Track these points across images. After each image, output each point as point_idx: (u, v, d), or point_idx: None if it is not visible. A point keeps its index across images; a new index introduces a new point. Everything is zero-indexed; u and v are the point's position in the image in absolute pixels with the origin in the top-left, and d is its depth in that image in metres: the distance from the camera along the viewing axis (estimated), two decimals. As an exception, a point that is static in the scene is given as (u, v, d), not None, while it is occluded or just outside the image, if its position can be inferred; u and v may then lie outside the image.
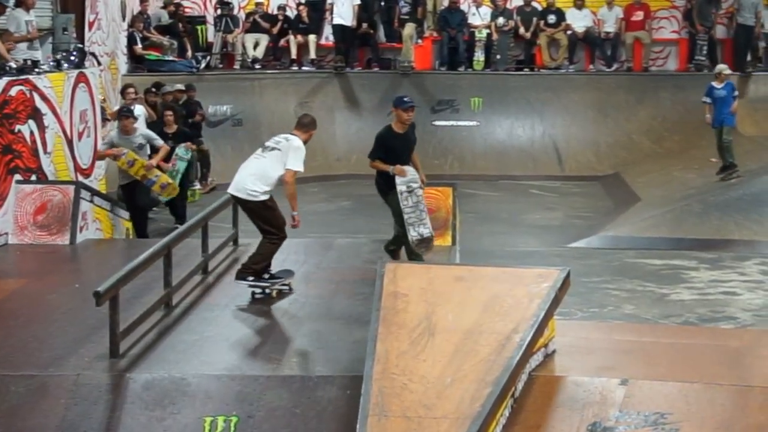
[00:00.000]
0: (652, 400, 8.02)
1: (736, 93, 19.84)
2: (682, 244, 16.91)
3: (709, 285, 14.51)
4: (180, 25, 24.32)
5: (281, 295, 10.90)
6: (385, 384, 7.55)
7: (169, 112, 18.51)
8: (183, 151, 17.54)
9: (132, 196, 15.82)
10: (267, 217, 10.82)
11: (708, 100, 19.66)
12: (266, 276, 10.89)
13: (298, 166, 10.79)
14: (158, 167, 16.12)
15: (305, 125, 11.23)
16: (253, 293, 10.84)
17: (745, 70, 24.41)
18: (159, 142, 16.06)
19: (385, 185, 11.97)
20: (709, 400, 8.02)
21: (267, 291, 10.90)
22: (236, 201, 11.20)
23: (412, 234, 11.76)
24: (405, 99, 12.20)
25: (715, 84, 19.70)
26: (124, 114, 16.11)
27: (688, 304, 13.62)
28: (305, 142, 11.05)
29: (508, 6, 25.68)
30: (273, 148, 10.89)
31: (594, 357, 9.03)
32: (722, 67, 20.27)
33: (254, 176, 10.75)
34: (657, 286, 14.37)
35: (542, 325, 8.50)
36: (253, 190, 10.70)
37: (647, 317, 12.90)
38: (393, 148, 11.98)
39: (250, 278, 10.79)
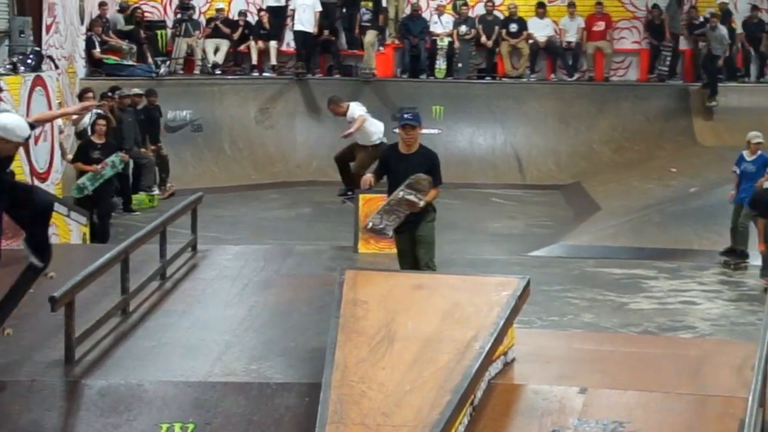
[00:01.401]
0: (610, 409, 8.02)
1: None
2: (641, 254, 16.97)
3: (668, 294, 14.55)
4: (141, 31, 24.18)
5: (241, 301, 10.82)
6: (343, 392, 7.50)
7: (102, 122, 17.49)
8: (117, 159, 17.11)
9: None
10: None
11: (737, 170, 16.24)
12: None
13: None
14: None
15: None
16: None
17: (709, 93, 24.55)
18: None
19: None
20: (668, 409, 8.03)
21: None
22: None
23: (373, 217, 11.23)
24: (405, 115, 11.45)
25: (745, 154, 16.26)
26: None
27: (647, 313, 13.64)
28: None
29: (470, 14, 25.72)
30: None
31: (553, 365, 9.01)
32: (752, 135, 16.33)
33: None
34: (617, 296, 14.39)
35: (502, 334, 8.47)
36: None
37: (607, 326, 12.91)
38: (393, 169, 11.34)
39: None
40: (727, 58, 24.79)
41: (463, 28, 25.32)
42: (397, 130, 11.76)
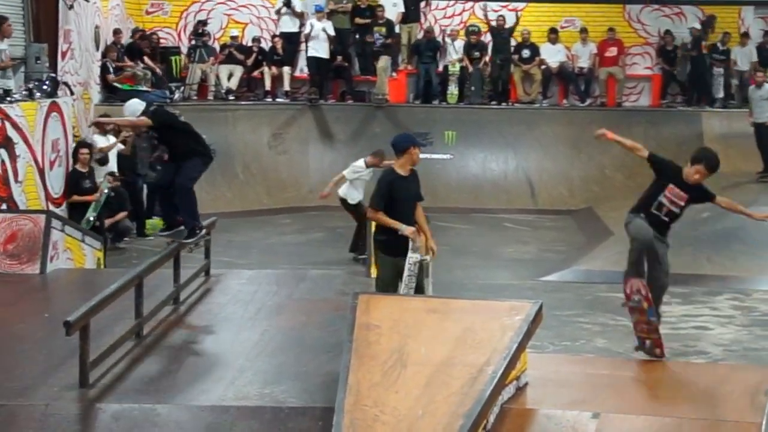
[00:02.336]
0: (624, 434, 8.02)
1: None
2: (654, 279, 16.92)
3: (680, 319, 14.54)
4: (148, 51, 24.25)
5: (254, 325, 10.85)
6: (356, 416, 7.51)
7: (85, 150, 18.00)
8: (104, 183, 17.41)
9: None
10: None
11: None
12: None
13: None
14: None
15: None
16: None
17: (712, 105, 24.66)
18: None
19: (395, 245, 11.05)
20: (681, 434, 8.02)
21: None
22: None
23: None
24: (419, 141, 11.90)
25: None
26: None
27: (659, 338, 13.62)
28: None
29: (482, 40, 25.80)
30: None
31: (566, 390, 9.02)
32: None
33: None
34: (629, 320, 14.35)
35: (515, 358, 8.48)
36: None
37: (619, 351, 12.90)
38: (399, 195, 11.27)
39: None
40: (739, 82, 24.81)
41: (476, 54, 25.36)
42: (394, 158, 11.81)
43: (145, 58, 23.92)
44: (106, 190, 17.61)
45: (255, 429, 8.26)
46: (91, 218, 16.58)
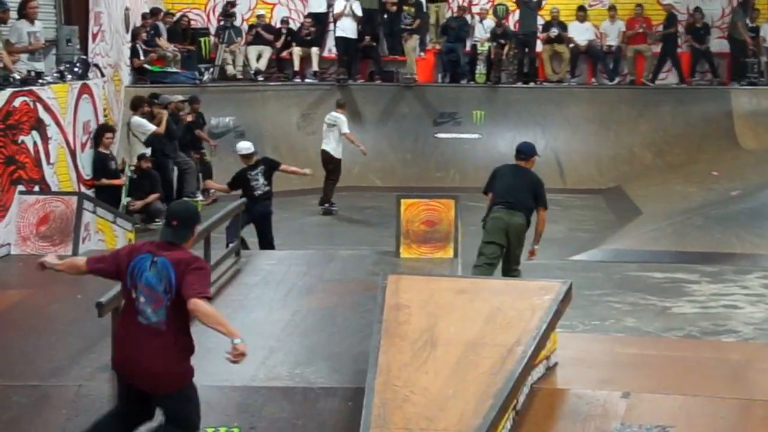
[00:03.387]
0: (654, 413, 8.02)
1: None
2: (683, 258, 16.89)
3: (710, 298, 14.50)
4: (180, 32, 24.33)
5: (284, 306, 10.91)
6: (387, 396, 7.55)
7: (109, 134, 18.33)
8: (128, 167, 17.63)
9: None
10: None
11: None
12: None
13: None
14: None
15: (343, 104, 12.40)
16: None
17: (740, 82, 24.49)
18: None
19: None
20: (711, 414, 8.02)
21: None
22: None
23: None
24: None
25: None
26: None
27: (689, 317, 13.61)
28: None
29: (508, 27, 25.70)
30: (331, 125, 12.15)
31: (596, 370, 9.03)
32: None
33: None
34: (659, 300, 14.36)
35: (544, 338, 8.50)
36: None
37: (649, 330, 12.89)
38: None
39: None
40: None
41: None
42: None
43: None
44: (129, 173, 17.68)
45: (285, 409, 8.32)
46: (125, 202, 16.67)
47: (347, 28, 24.56)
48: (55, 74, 16.68)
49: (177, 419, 7.33)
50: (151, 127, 18.64)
